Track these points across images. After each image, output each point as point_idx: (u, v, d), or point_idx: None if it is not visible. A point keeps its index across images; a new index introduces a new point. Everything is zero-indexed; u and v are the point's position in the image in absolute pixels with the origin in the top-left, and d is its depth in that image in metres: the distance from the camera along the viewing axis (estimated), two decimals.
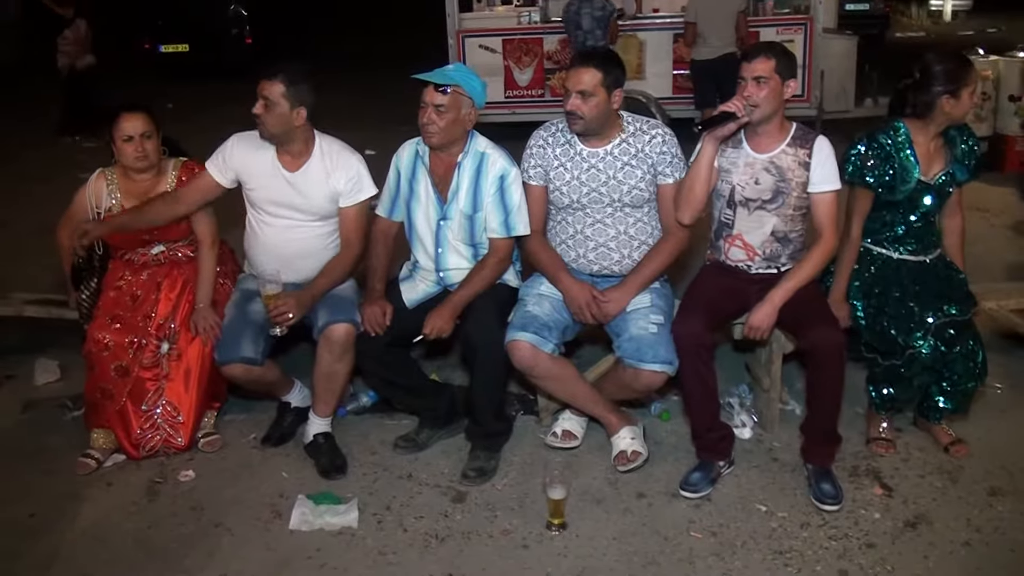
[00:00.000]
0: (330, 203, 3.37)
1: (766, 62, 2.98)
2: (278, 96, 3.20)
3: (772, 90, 2.98)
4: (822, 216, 3.09)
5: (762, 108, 2.99)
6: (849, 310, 3.30)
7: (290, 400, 3.66)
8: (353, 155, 3.40)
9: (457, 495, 3.22)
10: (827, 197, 3.08)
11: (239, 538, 3.04)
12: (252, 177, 3.37)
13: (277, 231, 3.41)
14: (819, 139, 3.10)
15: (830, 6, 8.55)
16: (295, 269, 3.38)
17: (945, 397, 3.26)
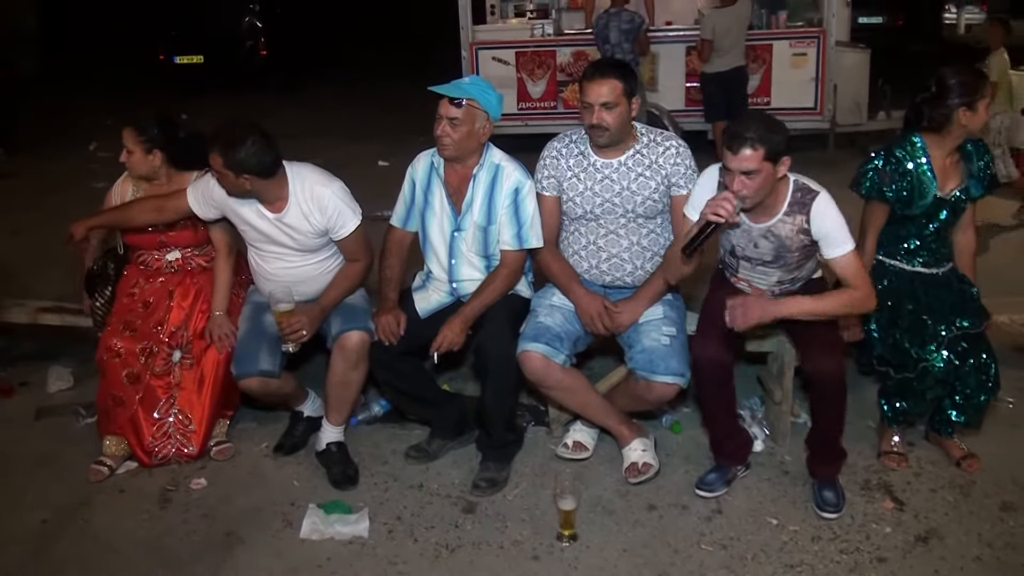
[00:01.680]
0: (318, 238, 3.36)
1: (753, 154, 2.72)
2: (221, 168, 3.15)
3: (764, 179, 2.77)
4: (846, 276, 2.91)
5: (754, 198, 2.81)
6: (861, 323, 3.30)
7: (302, 409, 3.67)
8: (328, 187, 3.30)
9: (468, 505, 3.22)
10: (843, 260, 2.89)
11: (250, 546, 3.05)
12: (239, 220, 3.38)
13: (273, 264, 3.42)
14: (816, 204, 2.88)
15: (843, 19, 8.54)
16: (299, 293, 3.39)
17: (957, 411, 3.24)
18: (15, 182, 8.62)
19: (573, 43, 8.82)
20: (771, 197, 2.87)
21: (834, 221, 2.87)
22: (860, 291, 2.86)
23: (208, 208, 3.41)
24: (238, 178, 3.15)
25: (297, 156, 3.45)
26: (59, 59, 16.98)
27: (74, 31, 18.41)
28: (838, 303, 2.89)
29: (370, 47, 18.26)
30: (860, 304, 2.90)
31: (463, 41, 8.97)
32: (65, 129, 10.60)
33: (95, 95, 13.33)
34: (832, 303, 2.89)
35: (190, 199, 3.43)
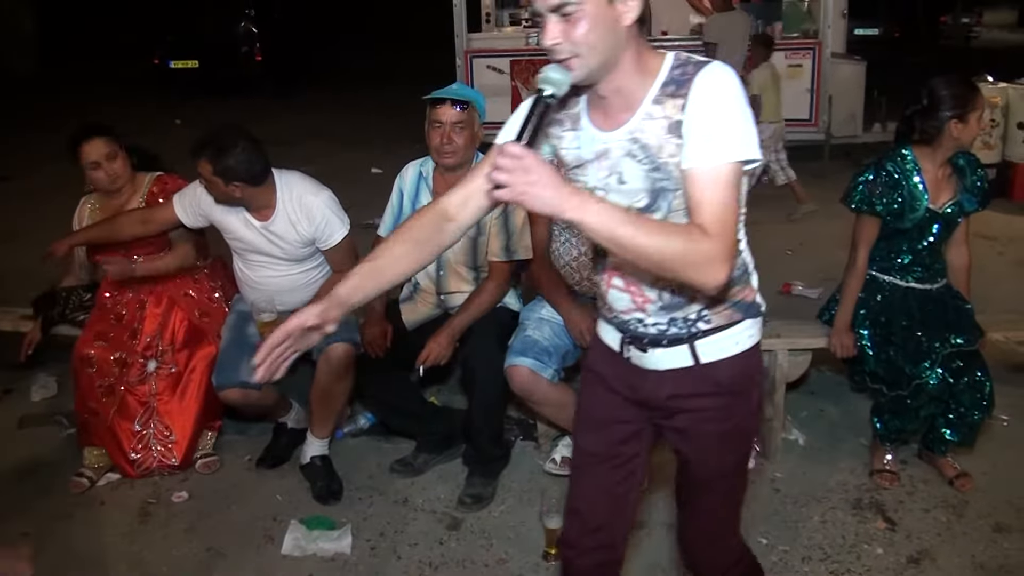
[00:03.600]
0: (304, 247, 3.33)
1: None
2: (210, 175, 3.12)
3: (593, 19, 1.60)
4: (699, 205, 1.61)
5: (582, 56, 1.62)
6: (854, 339, 3.26)
7: (286, 421, 3.62)
8: (317, 197, 3.28)
9: (452, 522, 3.17)
10: (704, 174, 1.60)
11: (231, 562, 3.00)
12: (226, 228, 3.35)
13: (259, 272, 3.39)
14: (702, 75, 1.63)
15: (839, 30, 8.52)
16: (283, 303, 3.34)
17: (951, 429, 3.20)
18: (8, 185, 8.57)
19: None
20: (628, 73, 1.68)
21: (721, 102, 1.61)
22: (708, 241, 1.56)
23: (195, 217, 3.37)
24: (227, 185, 3.12)
25: (291, 162, 3.42)
26: (56, 63, 16.94)
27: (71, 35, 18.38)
28: (669, 243, 1.55)
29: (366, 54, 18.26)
30: (697, 262, 1.56)
31: (457, 49, 8.94)
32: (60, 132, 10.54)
33: (90, 99, 13.28)
34: (661, 240, 1.55)
35: (176, 208, 3.38)
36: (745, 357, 1.87)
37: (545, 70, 1.62)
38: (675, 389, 1.88)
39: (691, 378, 1.86)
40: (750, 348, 1.88)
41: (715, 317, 1.82)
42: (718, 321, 1.82)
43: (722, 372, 1.85)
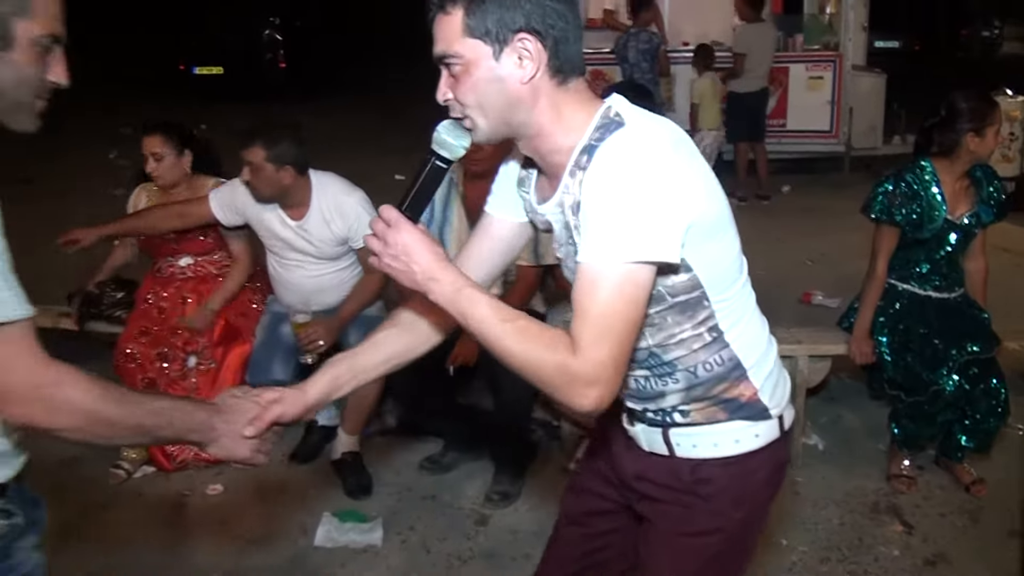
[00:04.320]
0: (337, 246, 3.44)
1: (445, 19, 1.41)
2: (262, 161, 3.21)
3: (476, 74, 1.40)
4: (577, 304, 1.35)
5: (476, 110, 1.44)
6: (873, 346, 3.33)
7: (318, 419, 3.72)
8: (351, 196, 3.40)
9: (480, 518, 3.27)
10: (583, 271, 1.35)
11: (265, 552, 3.09)
12: (261, 227, 3.46)
13: (293, 271, 3.50)
14: (604, 147, 1.37)
15: (859, 43, 8.58)
16: (316, 302, 3.47)
17: (967, 435, 3.27)
18: (32, 188, 8.73)
19: (591, 62, 8.85)
20: (546, 136, 1.46)
21: (613, 190, 1.32)
22: (572, 359, 1.31)
23: (231, 214, 3.48)
24: (278, 171, 3.22)
25: (315, 167, 3.51)
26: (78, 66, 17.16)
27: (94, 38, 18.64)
28: (532, 354, 1.34)
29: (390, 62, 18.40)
30: (556, 382, 1.33)
31: None
32: (85, 136, 10.71)
33: (115, 103, 13.47)
34: (525, 349, 1.35)
35: (212, 205, 3.49)
36: (727, 464, 1.60)
37: (439, 130, 1.48)
38: (644, 470, 1.68)
39: (665, 467, 1.65)
40: (738, 455, 1.60)
41: (694, 413, 1.59)
42: (697, 417, 1.59)
43: (694, 471, 1.61)
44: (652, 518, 1.70)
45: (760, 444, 1.60)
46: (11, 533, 1.42)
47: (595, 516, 1.85)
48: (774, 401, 1.61)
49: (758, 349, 1.60)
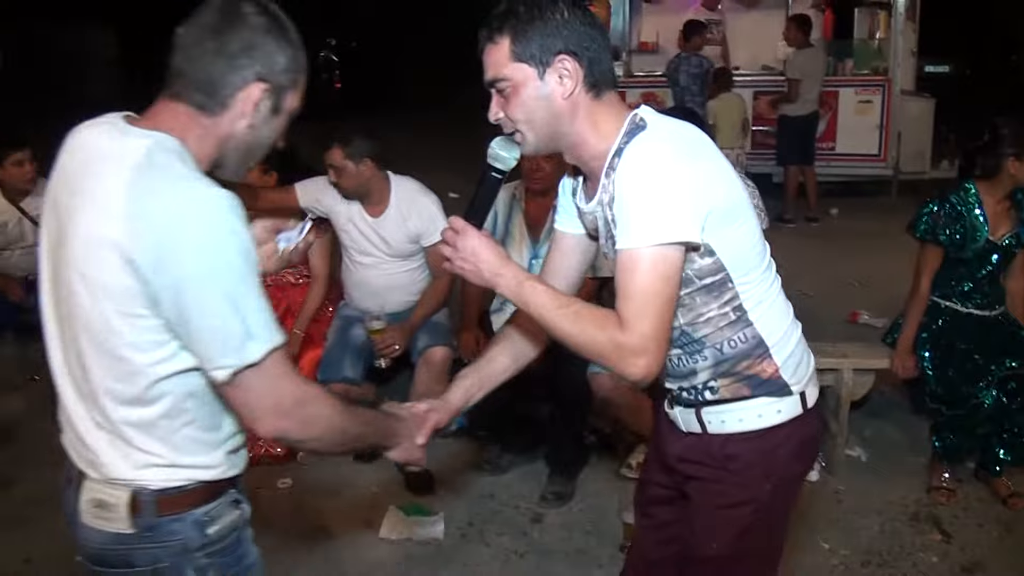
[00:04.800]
0: (410, 244, 3.69)
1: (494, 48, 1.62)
2: (341, 160, 3.50)
3: (524, 94, 1.61)
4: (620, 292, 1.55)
5: (527, 125, 1.64)
6: (915, 361, 3.46)
7: None
8: (427, 197, 3.70)
9: (536, 516, 3.45)
10: (622, 258, 1.54)
11: (333, 542, 3.30)
12: (340, 221, 3.72)
13: (367, 268, 3.74)
14: (631, 148, 1.57)
15: (908, 68, 8.68)
16: (385, 300, 3.70)
17: (1005, 449, 3.39)
18: None
19: (642, 84, 9.06)
20: (588, 144, 1.66)
21: (640, 182, 1.52)
22: (621, 334, 1.51)
23: (312, 200, 3.73)
24: (358, 165, 3.50)
25: None
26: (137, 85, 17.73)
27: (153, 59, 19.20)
28: (586, 333, 1.56)
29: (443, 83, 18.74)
30: (610, 355, 1.54)
31: None
32: None
33: None
34: (579, 329, 1.56)
35: (298, 189, 3.75)
36: (751, 438, 1.75)
37: (493, 146, 1.70)
38: (684, 452, 1.85)
39: (700, 445, 1.81)
40: (760, 429, 1.75)
41: (722, 389, 1.75)
42: (724, 394, 1.75)
43: (723, 447, 1.78)
44: (692, 495, 1.85)
45: (782, 419, 1.74)
46: (241, 522, 1.56)
47: (655, 505, 2.01)
48: (795, 378, 1.75)
49: (780, 329, 1.74)
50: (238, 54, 1.41)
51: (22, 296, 4.28)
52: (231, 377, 1.34)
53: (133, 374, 1.38)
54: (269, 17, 1.45)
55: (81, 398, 1.44)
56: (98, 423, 1.43)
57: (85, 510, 1.47)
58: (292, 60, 1.48)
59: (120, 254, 1.30)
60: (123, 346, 1.36)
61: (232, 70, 1.42)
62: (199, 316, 1.32)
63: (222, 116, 1.44)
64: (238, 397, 1.38)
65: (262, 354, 1.34)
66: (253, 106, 1.45)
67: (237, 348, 1.33)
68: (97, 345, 1.38)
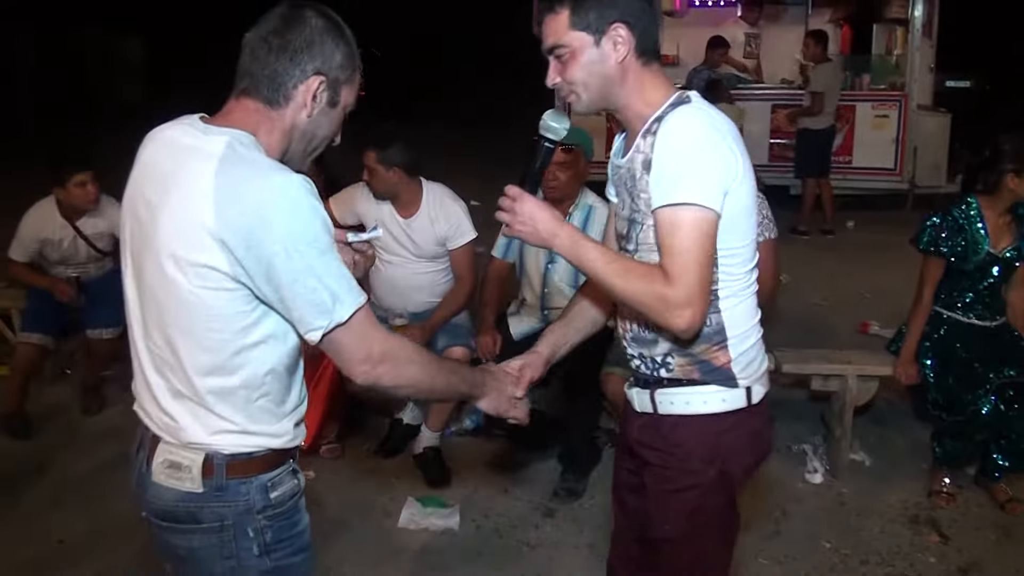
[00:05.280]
0: (437, 246, 3.86)
1: (554, 19, 1.77)
2: (374, 163, 3.70)
3: (581, 61, 1.76)
4: (662, 248, 1.70)
5: (580, 92, 1.79)
6: (918, 369, 3.58)
7: (402, 416, 4.09)
8: (456, 203, 3.87)
9: (547, 510, 3.59)
10: (664, 216, 1.68)
11: (354, 532, 3.45)
12: (373, 222, 3.86)
13: (394, 268, 3.90)
14: (674, 115, 1.71)
15: (925, 83, 8.76)
16: (409, 300, 3.88)
17: (1003, 455, 3.49)
18: None
19: None
20: (633, 106, 1.80)
21: (683, 145, 1.67)
22: (667, 287, 1.65)
23: (347, 214, 3.92)
24: (388, 171, 3.69)
25: None
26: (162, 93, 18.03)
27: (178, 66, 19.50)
28: (632, 285, 1.69)
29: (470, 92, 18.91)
30: (655, 306, 1.67)
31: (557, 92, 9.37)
32: None
33: None
34: (626, 281, 1.70)
35: (332, 205, 3.93)
36: (695, 422, 1.86)
37: (545, 117, 1.84)
38: (640, 435, 1.95)
39: (652, 427, 1.91)
40: (708, 415, 1.85)
41: (677, 368, 1.85)
42: (679, 373, 1.85)
43: (671, 431, 1.88)
44: (647, 482, 1.95)
45: (726, 408, 1.85)
46: (298, 490, 1.72)
47: (624, 490, 2.10)
48: (744, 374, 1.85)
49: (742, 327, 1.84)
50: (299, 51, 1.59)
51: (72, 295, 4.39)
52: (324, 337, 1.52)
53: (219, 344, 1.55)
54: (327, 19, 1.63)
55: (159, 371, 1.61)
56: (178, 392, 1.60)
57: (158, 471, 1.63)
58: (347, 57, 1.64)
59: (211, 235, 1.47)
60: (212, 318, 1.53)
61: (294, 65, 1.59)
62: (291, 287, 1.49)
63: (286, 108, 1.61)
64: (333, 353, 1.57)
65: (349, 314, 1.52)
66: (312, 97, 1.62)
67: (327, 312, 1.51)
68: (187, 320, 1.54)
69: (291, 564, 1.71)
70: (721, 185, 1.67)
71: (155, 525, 1.68)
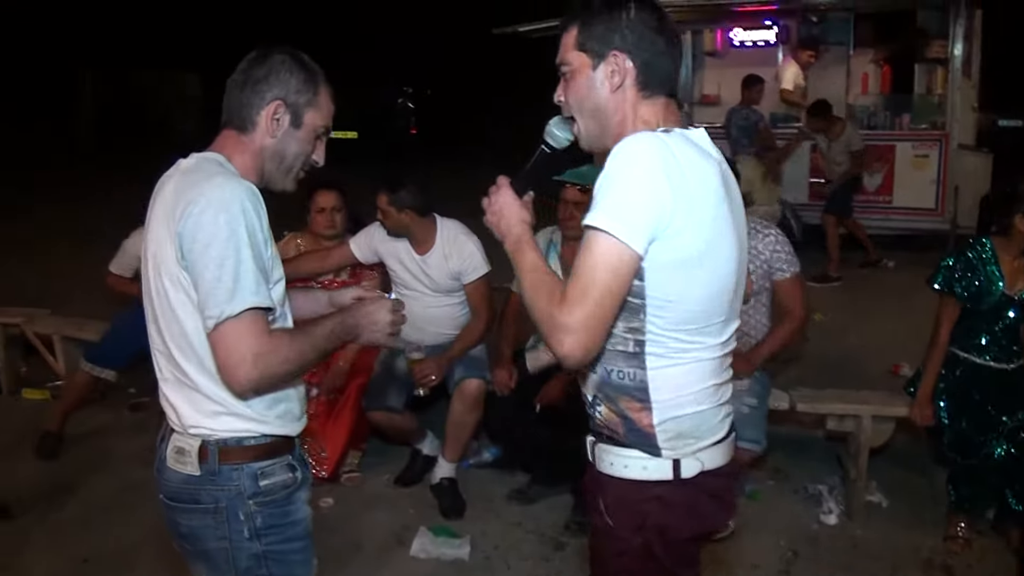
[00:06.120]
0: (451, 280, 3.98)
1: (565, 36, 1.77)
2: (386, 205, 3.85)
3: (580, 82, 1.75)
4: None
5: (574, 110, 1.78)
6: (933, 410, 3.56)
7: (421, 448, 4.17)
8: (469, 239, 3.97)
9: (557, 544, 3.62)
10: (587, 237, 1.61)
11: (366, 556, 3.54)
12: (391, 259, 4.02)
13: (411, 301, 4.00)
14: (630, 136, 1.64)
15: (968, 123, 8.66)
16: (426, 333, 3.98)
17: (1017, 500, 3.43)
18: None
19: None
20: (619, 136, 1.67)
21: (611, 170, 1.60)
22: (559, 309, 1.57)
23: (367, 252, 4.06)
24: (399, 213, 3.83)
25: None
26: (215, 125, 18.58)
27: None
28: (536, 301, 1.64)
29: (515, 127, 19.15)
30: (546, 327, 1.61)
31: None
32: None
33: None
34: (534, 296, 1.65)
35: (352, 245, 4.08)
36: (624, 486, 1.75)
37: (550, 124, 1.83)
38: (587, 483, 1.88)
39: (593, 481, 1.83)
40: (626, 479, 1.74)
41: (605, 414, 1.75)
42: (605, 420, 1.75)
43: (604, 489, 1.79)
44: (590, 534, 1.92)
45: (648, 477, 1.71)
46: (294, 485, 1.89)
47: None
48: (670, 445, 1.70)
49: (672, 394, 1.68)
50: (259, 81, 1.83)
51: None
52: (215, 328, 1.67)
53: (190, 331, 1.75)
54: (288, 55, 1.86)
55: (165, 361, 1.83)
56: (177, 379, 1.82)
57: (169, 456, 1.85)
58: (304, 83, 1.86)
59: (170, 233, 1.70)
60: (177, 308, 1.75)
61: (255, 94, 1.83)
62: (201, 274, 1.67)
63: (255, 133, 1.85)
64: (217, 348, 1.69)
65: (240, 309, 1.67)
66: (273, 120, 1.84)
67: (221, 303, 1.66)
68: (169, 312, 1.76)
69: (282, 551, 1.89)
70: (647, 226, 1.55)
71: (166, 505, 1.89)
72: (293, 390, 1.92)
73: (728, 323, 1.74)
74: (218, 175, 1.74)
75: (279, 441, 1.88)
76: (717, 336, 1.72)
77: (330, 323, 1.88)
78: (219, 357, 1.70)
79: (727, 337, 1.75)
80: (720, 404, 1.77)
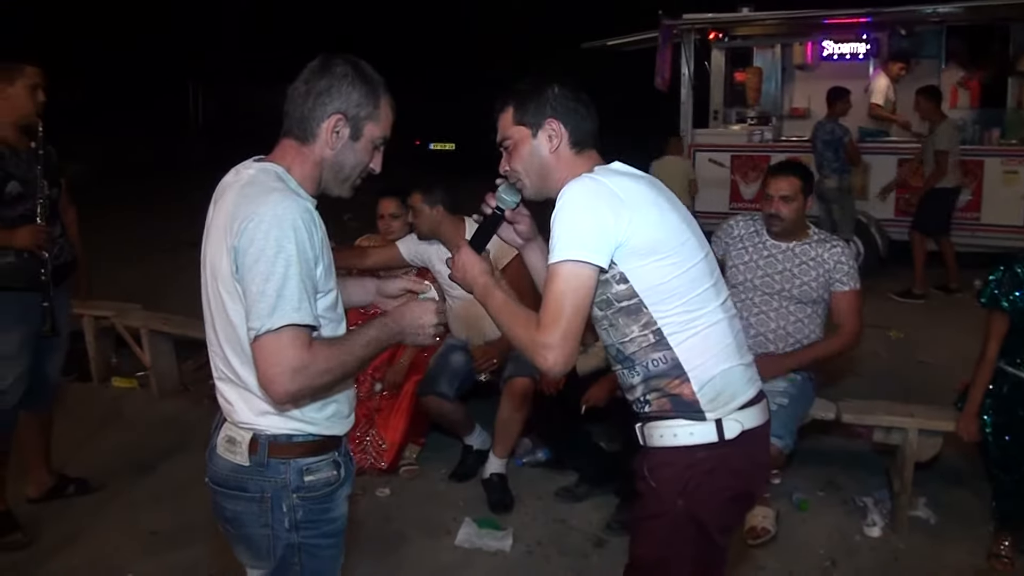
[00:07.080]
0: None
1: (503, 116, 2.11)
2: (419, 204, 4.05)
3: (522, 153, 2.08)
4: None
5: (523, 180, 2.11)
6: (979, 425, 3.54)
7: (471, 443, 4.36)
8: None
9: (599, 541, 3.74)
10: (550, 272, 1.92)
11: (414, 544, 3.72)
12: (435, 261, 4.21)
13: (456, 300, 4.23)
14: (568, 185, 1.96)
15: None
16: (480, 330, 4.19)
17: None
18: None
19: (788, 149, 9.09)
20: (560, 184, 1.97)
21: (558, 211, 1.92)
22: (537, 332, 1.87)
23: (413, 253, 4.28)
24: (431, 209, 4.04)
25: None
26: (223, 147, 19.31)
27: None
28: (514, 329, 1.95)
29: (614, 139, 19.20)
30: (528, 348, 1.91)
31: (684, 143, 9.52)
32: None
33: None
34: (510, 326, 1.96)
35: (400, 246, 4.31)
36: (673, 454, 2.00)
37: (499, 190, 2.14)
38: (636, 466, 2.11)
39: (642, 459, 2.08)
40: (674, 447, 1.99)
41: (653, 403, 2.03)
42: (655, 407, 2.02)
43: (649, 461, 2.05)
44: (634, 509, 2.14)
45: (695, 441, 1.98)
46: (336, 482, 1.98)
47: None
48: (712, 406, 1.98)
49: (702, 357, 1.97)
50: (321, 94, 1.89)
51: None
52: (256, 339, 1.73)
53: (243, 337, 1.81)
54: (349, 65, 1.91)
55: (220, 362, 1.94)
56: (229, 378, 1.91)
57: (220, 444, 1.95)
58: (365, 96, 1.91)
59: (227, 245, 1.78)
60: (232, 315, 1.83)
61: (317, 106, 1.89)
62: (249, 286, 1.74)
63: (315, 144, 1.91)
64: (258, 359, 1.75)
65: (280, 324, 1.72)
66: (333, 133, 1.90)
67: (264, 316, 1.72)
68: (223, 317, 1.85)
69: (317, 545, 1.99)
70: (596, 241, 1.86)
71: (213, 490, 1.99)
72: (342, 393, 2.00)
73: (717, 287, 2.04)
74: (275, 191, 1.78)
75: (327, 439, 1.96)
76: (714, 300, 2.01)
77: (372, 330, 1.93)
78: (259, 368, 1.75)
79: (724, 299, 2.05)
80: (743, 364, 2.05)
